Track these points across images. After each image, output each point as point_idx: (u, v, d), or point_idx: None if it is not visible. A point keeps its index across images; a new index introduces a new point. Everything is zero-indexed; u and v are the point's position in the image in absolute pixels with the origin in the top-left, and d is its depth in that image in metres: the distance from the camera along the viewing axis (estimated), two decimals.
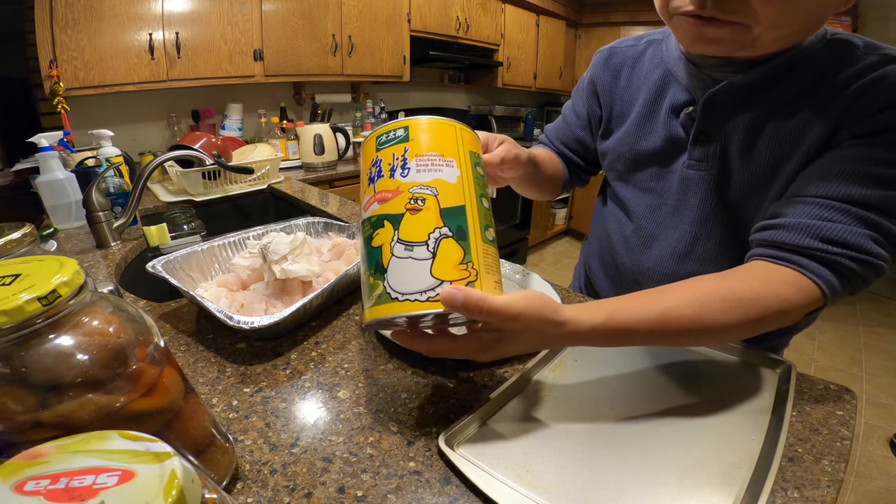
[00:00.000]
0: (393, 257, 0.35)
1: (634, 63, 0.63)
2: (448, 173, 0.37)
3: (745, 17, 0.40)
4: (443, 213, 0.36)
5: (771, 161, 0.50)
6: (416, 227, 0.35)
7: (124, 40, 1.55)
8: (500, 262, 0.41)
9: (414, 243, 0.35)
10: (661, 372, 0.55)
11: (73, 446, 0.19)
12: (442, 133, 0.39)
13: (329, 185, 2.01)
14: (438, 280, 0.34)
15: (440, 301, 0.34)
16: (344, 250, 0.79)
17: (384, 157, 0.39)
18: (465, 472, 0.39)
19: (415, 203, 0.36)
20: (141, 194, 1.00)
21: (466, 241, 0.36)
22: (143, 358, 0.30)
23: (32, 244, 0.46)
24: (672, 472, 0.41)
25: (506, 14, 3.06)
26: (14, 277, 0.27)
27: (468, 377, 0.54)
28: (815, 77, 0.46)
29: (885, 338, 2.49)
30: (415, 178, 0.37)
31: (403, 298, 0.35)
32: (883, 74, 0.42)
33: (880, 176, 0.40)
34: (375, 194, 0.38)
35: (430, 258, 0.35)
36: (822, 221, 0.41)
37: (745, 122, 0.50)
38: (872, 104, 0.41)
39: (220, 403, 0.49)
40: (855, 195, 0.40)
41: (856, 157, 0.41)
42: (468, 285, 0.35)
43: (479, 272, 0.36)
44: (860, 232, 0.40)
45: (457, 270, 0.35)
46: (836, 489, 0.39)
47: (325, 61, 2.15)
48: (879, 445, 1.70)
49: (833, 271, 0.41)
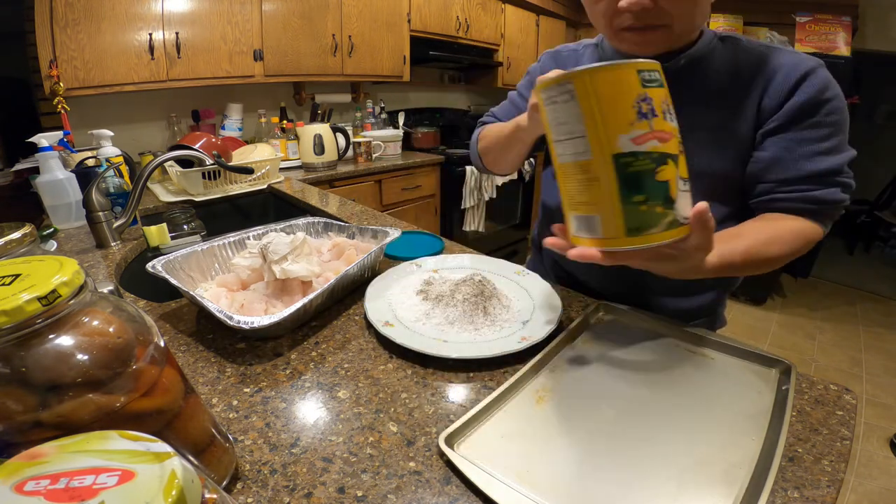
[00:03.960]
0: (679, 191, 0.43)
1: (577, 61, 0.75)
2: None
3: (667, 19, 0.56)
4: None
5: (711, 124, 0.63)
6: (684, 168, 0.44)
7: (124, 40, 1.55)
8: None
9: (686, 180, 0.44)
10: (661, 372, 0.55)
11: (73, 446, 0.19)
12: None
13: (329, 185, 2.01)
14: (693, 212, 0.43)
15: (693, 224, 0.43)
16: (344, 250, 0.79)
17: (654, 97, 0.42)
18: (465, 472, 0.39)
19: (681, 147, 0.44)
20: (141, 194, 1.00)
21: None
22: (143, 358, 0.30)
23: (32, 244, 0.46)
24: (672, 472, 0.41)
25: (506, 14, 3.06)
26: (14, 277, 0.27)
27: (468, 377, 0.54)
28: (724, 60, 0.63)
29: (885, 338, 2.49)
30: (675, 125, 0.44)
31: (686, 222, 0.43)
32: (780, 64, 0.59)
33: (824, 151, 0.58)
34: (653, 131, 0.42)
35: (690, 192, 0.44)
36: (811, 192, 0.59)
37: (680, 97, 0.59)
38: (783, 87, 0.59)
39: (220, 403, 0.49)
40: (820, 169, 0.58)
41: (805, 140, 0.58)
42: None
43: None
44: (835, 192, 0.59)
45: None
46: (836, 489, 0.39)
47: (325, 61, 2.15)
48: (879, 445, 1.70)
49: (824, 218, 0.61)
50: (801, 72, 0.58)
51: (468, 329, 0.62)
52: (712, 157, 0.63)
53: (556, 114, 0.45)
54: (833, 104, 0.58)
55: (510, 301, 0.69)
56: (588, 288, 0.79)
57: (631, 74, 0.42)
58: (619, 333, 0.64)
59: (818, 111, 0.58)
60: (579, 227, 0.46)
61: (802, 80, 0.58)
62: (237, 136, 2.03)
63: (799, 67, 0.58)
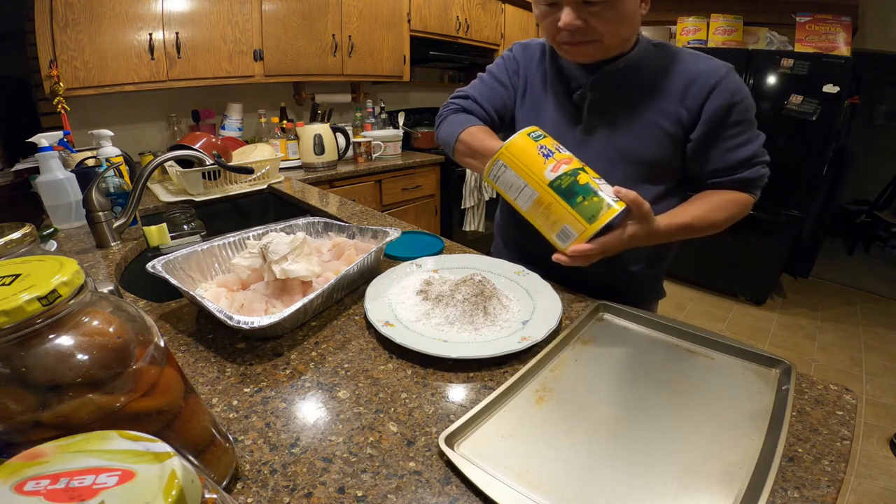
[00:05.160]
0: (599, 185, 0.62)
1: (542, 56, 0.85)
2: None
3: (597, 35, 0.67)
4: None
5: (643, 118, 0.74)
6: (593, 172, 0.64)
7: (124, 40, 1.55)
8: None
9: (599, 178, 0.64)
10: (661, 372, 0.55)
11: (73, 446, 0.19)
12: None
13: (329, 185, 2.01)
14: (615, 193, 0.62)
15: (624, 201, 0.61)
16: (344, 250, 0.79)
17: (546, 144, 0.65)
18: (465, 472, 0.39)
19: (582, 163, 0.65)
20: (141, 194, 1.00)
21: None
22: (143, 358, 0.30)
23: (32, 244, 0.46)
24: (672, 472, 0.41)
25: (506, 14, 3.06)
26: (14, 277, 0.27)
27: (468, 377, 0.54)
28: (656, 65, 0.74)
29: (885, 338, 2.49)
30: (569, 153, 0.66)
31: (616, 204, 0.61)
32: (698, 71, 0.72)
33: (743, 143, 0.72)
34: (558, 161, 0.63)
35: (606, 182, 0.64)
36: (739, 174, 0.74)
37: (620, 92, 0.75)
38: (699, 93, 0.71)
39: (220, 403, 0.49)
40: (743, 157, 0.72)
41: (726, 137, 0.72)
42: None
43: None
44: (758, 170, 0.73)
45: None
46: (836, 489, 0.39)
47: (325, 61, 2.15)
48: (879, 445, 1.70)
49: (753, 189, 0.75)
50: (712, 81, 0.70)
51: (468, 329, 0.62)
52: (644, 147, 0.75)
53: (504, 182, 0.67)
54: (742, 105, 0.71)
55: (510, 301, 0.69)
56: (548, 267, 0.82)
57: (525, 138, 0.65)
58: (619, 333, 0.64)
59: (731, 112, 0.71)
60: (562, 239, 0.64)
61: (714, 88, 0.70)
62: (237, 136, 2.03)
63: (711, 77, 0.70)
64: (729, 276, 2.84)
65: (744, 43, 2.73)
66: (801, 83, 2.38)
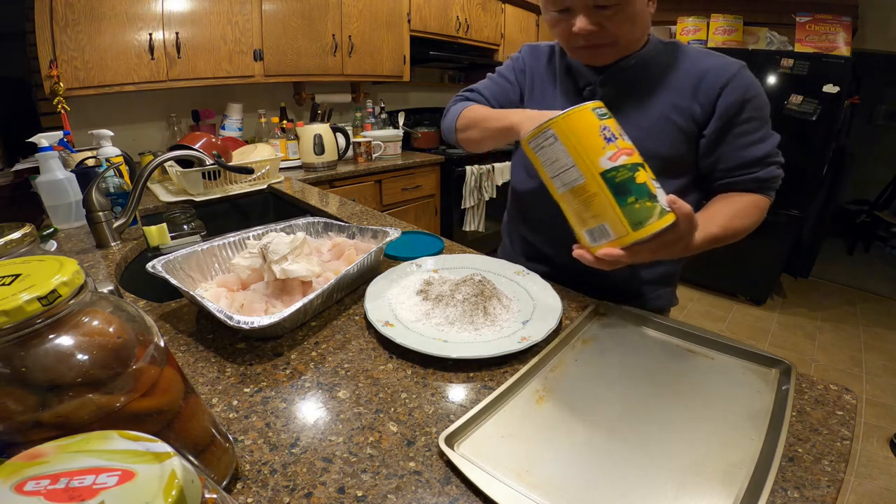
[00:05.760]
0: (656, 188, 0.54)
1: (551, 56, 0.85)
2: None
3: (612, 38, 0.67)
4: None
5: (657, 114, 0.73)
6: (650, 171, 0.55)
7: (124, 40, 1.55)
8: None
9: (655, 179, 0.55)
10: (661, 372, 0.55)
11: (73, 446, 0.19)
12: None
13: (329, 185, 2.01)
14: (669, 203, 0.53)
15: (677, 213, 0.53)
16: (344, 250, 0.79)
17: (610, 125, 0.54)
18: (465, 472, 0.39)
19: (642, 158, 0.55)
20: (141, 194, 1.00)
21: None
22: (143, 358, 0.30)
23: (32, 244, 0.46)
24: (672, 472, 0.41)
25: (506, 14, 3.06)
26: (14, 277, 0.27)
27: (468, 377, 0.54)
28: (666, 62, 0.74)
29: (885, 338, 2.49)
30: (631, 143, 0.55)
31: (670, 210, 0.53)
32: (708, 68, 0.71)
33: (757, 140, 0.71)
34: (620, 149, 0.53)
35: (661, 186, 0.55)
36: (755, 173, 0.72)
37: (631, 89, 0.75)
38: (711, 89, 0.70)
39: (220, 403, 0.49)
40: (757, 155, 0.71)
41: (741, 134, 0.71)
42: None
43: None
44: (773, 170, 0.72)
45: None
46: (836, 489, 0.39)
47: (325, 61, 2.15)
48: (879, 445, 1.70)
49: (768, 191, 0.73)
50: (725, 77, 0.69)
51: (468, 329, 0.62)
52: (657, 142, 0.73)
53: (546, 156, 0.56)
54: (755, 101, 0.70)
55: (510, 301, 0.69)
56: (560, 264, 0.84)
57: (589, 113, 0.54)
58: (619, 333, 0.64)
59: (744, 109, 0.70)
60: (594, 238, 0.56)
61: (727, 83, 0.69)
62: (237, 136, 2.03)
63: (723, 73, 0.70)
64: (729, 276, 2.84)
65: (744, 43, 2.73)
66: (801, 83, 2.38)
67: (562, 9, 0.67)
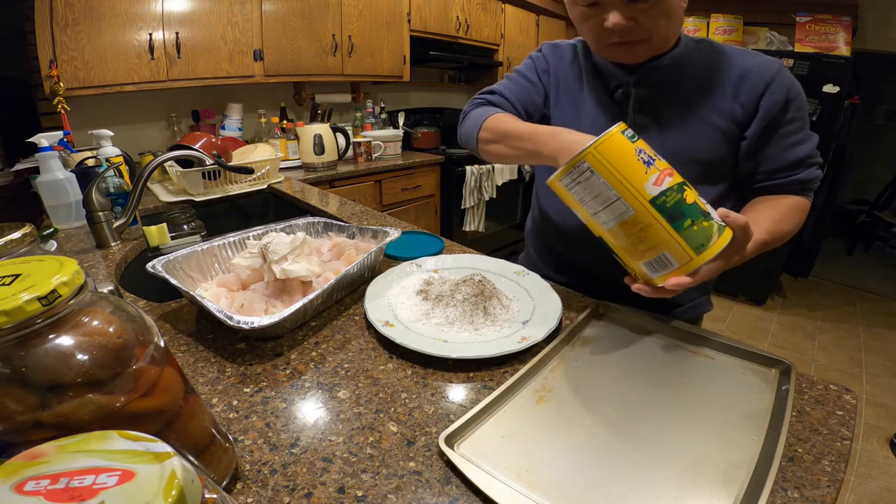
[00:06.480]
0: (706, 204, 0.51)
1: (574, 55, 0.81)
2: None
3: (646, 34, 0.64)
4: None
5: (694, 116, 0.70)
6: (693, 187, 0.52)
7: (124, 40, 1.55)
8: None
9: (700, 196, 0.52)
10: (661, 372, 0.55)
11: (73, 446, 0.19)
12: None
13: (329, 185, 2.01)
14: (722, 217, 0.52)
15: (732, 227, 0.52)
16: (344, 250, 0.79)
17: (643, 147, 0.51)
18: (465, 472, 0.39)
19: (683, 163, 0.54)
20: (141, 194, 1.00)
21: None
22: (143, 358, 0.30)
23: (32, 244, 0.46)
24: (672, 472, 0.41)
25: (506, 14, 3.06)
26: (14, 277, 0.27)
27: (468, 377, 0.54)
28: (701, 61, 0.71)
29: (885, 338, 2.49)
30: (664, 161, 0.52)
31: (725, 225, 0.51)
32: (750, 66, 0.69)
33: (799, 141, 0.69)
34: (661, 171, 0.50)
35: (707, 201, 0.52)
36: (796, 175, 0.70)
37: (666, 90, 0.72)
38: (754, 88, 0.68)
39: (220, 403, 0.49)
40: (800, 156, 0.69)
41: (784, 135, 0.69)
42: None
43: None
44: (813, 171, 0.70)
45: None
46: (836, 489, 0.39)
47: (325, 61, 2.15)
48: (879, 445, 1.70)
49: (808, 192, 0.72)
50: (767, 76, 0.68)
51: (468, 329, 0.62)
52: (697, 146, 0.71)
53: (584, 191, 0.51)
54: (797, 101, 0.69)
55: (510, 301, 0.69)
56: (589, 273, 0.82)
57: (620, 137, 0.50)
58: (620, 333, 0.64)
59: (788, 109, 0.68)
60: (654, 269, 0.53)
61: (770, 83, 0.67)
62: (237, 136, 2.03)
63: (765, 72, 0.68)
64: (729, 276, 2.77)
65: (744, 43, 2.73)
66: (801, 83, 2.36)
67: (591, 3, 0.63)
